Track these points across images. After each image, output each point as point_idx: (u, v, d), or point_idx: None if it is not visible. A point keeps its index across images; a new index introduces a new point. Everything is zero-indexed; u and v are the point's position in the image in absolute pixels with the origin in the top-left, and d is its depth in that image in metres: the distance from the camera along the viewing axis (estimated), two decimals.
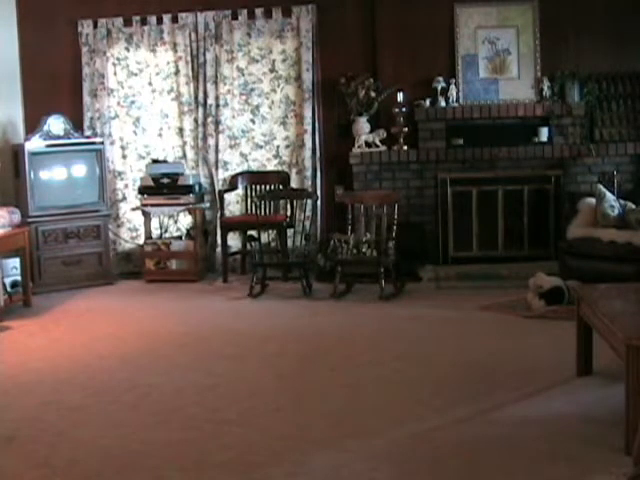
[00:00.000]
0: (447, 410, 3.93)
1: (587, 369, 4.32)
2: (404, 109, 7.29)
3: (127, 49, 7.77)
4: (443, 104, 7.34)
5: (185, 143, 7.74)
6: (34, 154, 7.13)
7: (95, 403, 4.23)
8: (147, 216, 7.51)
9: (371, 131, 7.40)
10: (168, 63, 7.75)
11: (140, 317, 6.07)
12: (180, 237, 7.62)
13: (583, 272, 5.97)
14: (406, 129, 7.28)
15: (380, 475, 3.25)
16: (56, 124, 7.33)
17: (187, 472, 3.34)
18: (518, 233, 7.31)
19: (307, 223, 7.27)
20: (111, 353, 5.14)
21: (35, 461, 3.48)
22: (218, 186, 7.66)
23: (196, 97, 7.68)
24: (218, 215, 7.58)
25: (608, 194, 6.41)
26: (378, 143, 7.37)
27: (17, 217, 6.64)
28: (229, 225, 7.40)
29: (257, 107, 7.69)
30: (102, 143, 7.53)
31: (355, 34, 7.53)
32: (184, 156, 7.78)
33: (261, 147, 7.71)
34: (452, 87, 7.35)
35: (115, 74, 7.80)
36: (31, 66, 7.77)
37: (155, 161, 7.61)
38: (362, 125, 7.40)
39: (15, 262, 6.65)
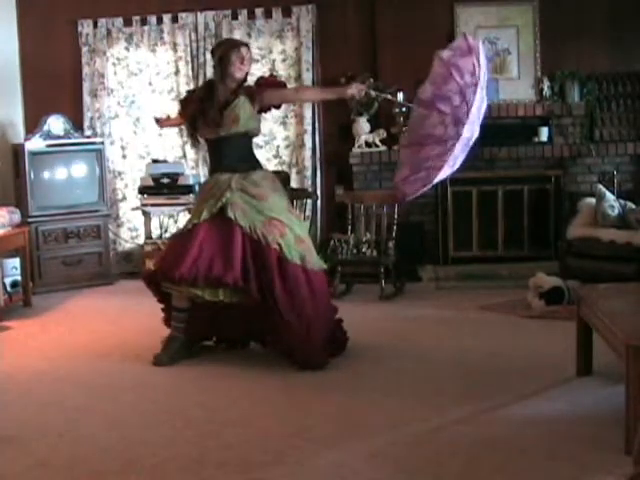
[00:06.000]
0: (447, 410, 3.93)
1: (587, 369, 4.32)
2: (404, 109, 7.28)
3: (127, 49, 7.77)
4: None
5: (185, 143, 7.71)
6: (34, 154, 7.13)
7: (95, 403, 4.23)
8: (147, 216, 7.51)
9: (371, 131, 7.40)
10: (168, 63, 7.76)
11: (140, 317, 6.06)
12: None
13: (583, 272, 5.97)
14: (406, 129, 7.28)
15: (380, 475, 3.25)
16: (56, 124, 7.33)
17: (187, 472, 3.34)
18: (518, 233, 7.31)
19: (307, 223, 7.26)
20: (111, 353, 5.13)
21: (35, 461, 3.48)
22: None
23: None
24: None
25: (608, 194, 6.41)
26: (378, 143, 7.37)
27: (17, 217, 6.64)
28: None
29: None
30: (102, 143, 7.53)
31: (355, 34, 7.52)
32: (184, 156, 7.78)
33: (261, 147, 7.69)
34: None
35: (115, 74, 7.81)
36: (31, 66, 7.77)
37: (155, 161, 7.61)
38: (362, 125, 7.40)
39: (15, 262, 6.64)
